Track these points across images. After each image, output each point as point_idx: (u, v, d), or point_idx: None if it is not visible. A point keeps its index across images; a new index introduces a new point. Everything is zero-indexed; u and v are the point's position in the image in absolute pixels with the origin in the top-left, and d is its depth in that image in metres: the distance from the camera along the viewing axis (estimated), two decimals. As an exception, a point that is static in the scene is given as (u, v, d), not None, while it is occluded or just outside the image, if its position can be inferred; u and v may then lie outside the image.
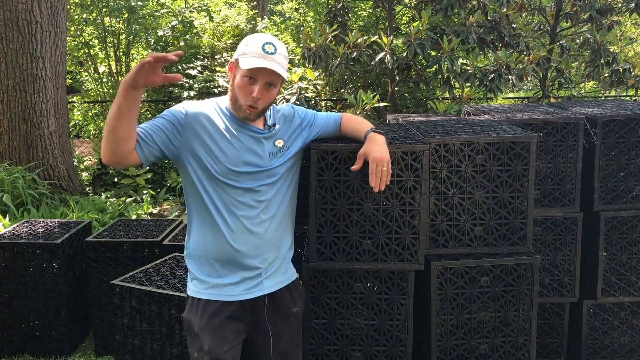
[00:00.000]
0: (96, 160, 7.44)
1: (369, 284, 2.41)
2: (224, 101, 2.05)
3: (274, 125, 2.07)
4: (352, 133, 2.23)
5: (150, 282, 2.76)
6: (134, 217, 5.47)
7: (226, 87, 6.85)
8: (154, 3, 8.51)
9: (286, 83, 5.09)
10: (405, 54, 4.48)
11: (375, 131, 2.13)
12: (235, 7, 9.18)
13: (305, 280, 2.37)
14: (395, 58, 4.54)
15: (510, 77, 4.40)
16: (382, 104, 4.83)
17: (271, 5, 14.65)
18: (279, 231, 2.06)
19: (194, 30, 8.10)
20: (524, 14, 5.71)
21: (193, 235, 2.05)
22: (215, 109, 2.02)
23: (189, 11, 8.48)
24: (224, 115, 2.01)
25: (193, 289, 2.04)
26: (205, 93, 7.07)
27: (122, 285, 2.74)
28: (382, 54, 4.49)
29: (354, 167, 2.12)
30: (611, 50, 4.86)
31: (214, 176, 1.95)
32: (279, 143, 2.06)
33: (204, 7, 8.35)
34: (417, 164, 2.28)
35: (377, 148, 2.06)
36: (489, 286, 2.47)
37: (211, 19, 8.18)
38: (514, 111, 3.20)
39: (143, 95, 8.33)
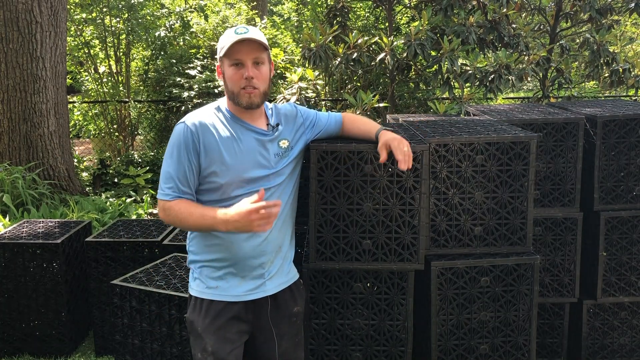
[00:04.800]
0: (96, 160, 7.44)
1: (369, 284, 2.41)
2: (224, 103, 2.04)
3: (277, 125, 2.06)
4: (361, 134, 2.26)
5: (150, 282, 2.76)
6: (134, 217, 5.47)
7: (226, 87, 6.83)
8: (154, 3, 8.51)
9: (286, 83, 5.09)
10: (405, 54, 4.48)
11: (385, 129, 2.20)
12: (235, 7, 9.18)
13: (305, 280, 2.37)
14: (395, 58, 4.54)
15: (510, 77, 4.40)
16: (382, 104, 4.83)
17: (272, 7, 14.64)
18: (281, 231, 2.06)
19: (190, 30, 8.10)
20: (524, 14, 5.71)
21: (196, 235, 2.04)
22: (216, 115, 2.00)
23: (189, 11, 8.48)
24: (225, 118, 2.00)
25: (196, 289, 2.04)
26: (205, 93, 7.07)
27: (122, 285, 2.74)
28: (382, 55, 4.48)
29: (381, 160, 2.14)
30: (611, 50, 4.86)
31: (222, 184, 1.95)
32: (284, 144, 2.05)
33: (199, 7, 8.34)
34: (416, 163, 2.28)
35: (393, 135, 2.13)
36: (489, 286, 2.47)
37: (206, 18, 8.18)
38: (514, 111, 3.20)
39: (143, 96, 8.29)
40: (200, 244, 2.03)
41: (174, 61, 7.67)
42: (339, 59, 4.54)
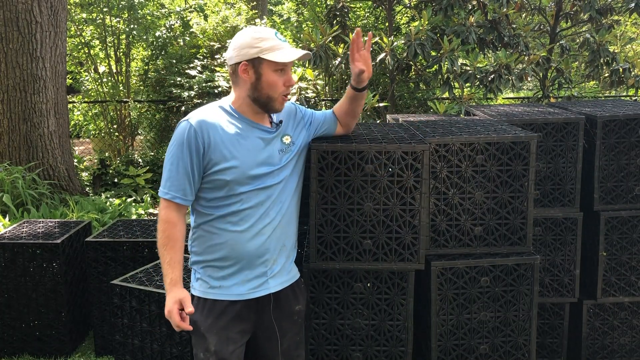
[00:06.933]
0: (96, 160, 7.44)
1: (369, 284, 2.41)
2: (228, 102, 2.04)
3: (280, 122, 2.08)
4: (346, 100, 2.24)
5: (150, 282, 2.76)
6: (134, 217, 5.47)
7: (226, 87, 6.84)
8: (154, 3, 8.51)
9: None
10: (405, 54, 4.49)
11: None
12: (235, 7, 9.18)
13: (305, 280, 2.37)
14: (395, 58, 4.54)
15: (510, 77, 4.40)
16: (382, 104, 4.83)
17: (271, 7, 14.64)
18: (285, 229, 2.07)
19: (190, 30, 8.10)
20: (524, 14, 5.71)
21: (199, 235, 2.04)
22: (221, 113, 2.00)
23: (189, 11, 8.48)
24: (231, 117, 2.00)
25: (199, 289, 2.04)
26: (205, 93, 7.07)
27: (122, 285, 2.74)
28: (382, 55, 4.49)
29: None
30: (611, 50, 4.86)
31: (228, 181, 1.95)
32: (287, 139, 2.08)
33: (198, 7, 8.35)
34: (417, 163, 2.28)
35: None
36: (489, 286, 2.47)
37: (205, 17, 8.18)
38: (514, 111, 3.20)
39: (143, 96, 8.29)
40: (203, 244, 2.03)
41: (174, 61, 7.67)
42: (339, 59, 4.54)
